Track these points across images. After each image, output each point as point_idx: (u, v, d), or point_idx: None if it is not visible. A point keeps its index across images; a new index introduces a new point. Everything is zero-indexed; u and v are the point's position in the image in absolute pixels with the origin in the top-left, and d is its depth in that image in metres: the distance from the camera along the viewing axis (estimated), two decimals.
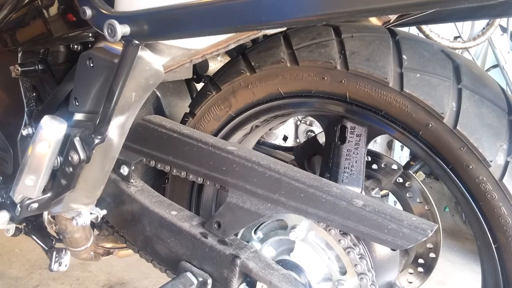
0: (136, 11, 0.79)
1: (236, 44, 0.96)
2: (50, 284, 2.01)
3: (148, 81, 0.89)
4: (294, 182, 0.85)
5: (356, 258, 0.89)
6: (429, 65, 0.83)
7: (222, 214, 0.95)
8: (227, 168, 0.92)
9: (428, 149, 0.85)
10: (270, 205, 0.88)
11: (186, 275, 0.96)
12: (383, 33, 0.89)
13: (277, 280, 0.87)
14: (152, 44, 0.87)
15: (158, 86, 0.95)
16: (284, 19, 0.63)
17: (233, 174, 0.92)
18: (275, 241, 1.02)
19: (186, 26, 0.74)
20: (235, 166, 0.91)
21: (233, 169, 0.91)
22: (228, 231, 0.96)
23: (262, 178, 0.88)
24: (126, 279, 2.11)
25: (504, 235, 0.81)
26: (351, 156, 1.03)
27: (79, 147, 0.94)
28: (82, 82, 0.95)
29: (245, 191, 0.91)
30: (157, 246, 1.05)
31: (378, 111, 0.88)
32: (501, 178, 0.79)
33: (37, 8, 1.04)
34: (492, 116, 0.81)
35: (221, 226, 0.96)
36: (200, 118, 1.11)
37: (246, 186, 0.90)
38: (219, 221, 0.96)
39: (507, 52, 2.56)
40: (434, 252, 1.15)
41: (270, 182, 0.88)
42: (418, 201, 1.14)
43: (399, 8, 0.55)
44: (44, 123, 0.92)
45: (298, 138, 3.01)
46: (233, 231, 0.96)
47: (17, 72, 1.16)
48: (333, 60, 0.88)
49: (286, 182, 0.86)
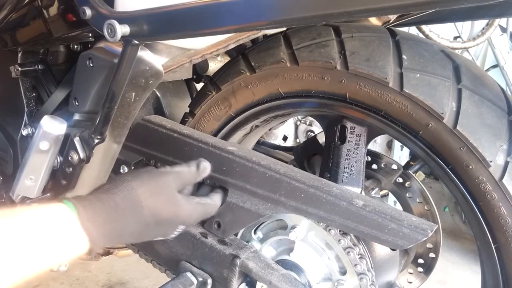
0: (135, 11, 0.79)
1: (236, 44, 0.96)
2: (50, 284, 2.01)
3: (148, 81, 0.89)
4: (294, 182, 0.85)
5: (356, 258, 0.89)
6: (429, 65, 0.83)
7: (222, 214, 0.95)
8: (227, 168, 0.92)
9: (428, 149, 0.85)
10: (270, 205, 0.88)
11: (186, 275, 0.96)
12: (383, 33, 0.89)
13: (277, 280, 0.87)
14: (152, 44, 0.88)
15: (158, 86, 0.95)
16: (284, 18, 0.63)
17: (233, 174, 0.92)
18: (275, 241, 1.02)
19: (186, 26, 0.74)
20: (235, 166, 0.91)
21: (233, 169, 0.91)
22: (228, 231, 0.95)
23: (262, 178, 0.88)
24: (126, 279, 2.11)
25: (504, 235, 0.81)
26: (351, 156, 1.03)
27: (79, 147, 0.94)
28: (82, 82, 0.95)
29: (245, 191, 0.91)
30: (157, 246, 1.05)
31: (378, 111, 0.88)
32: (501, 178, 0.79)
33: (37, 8, 1.04)
34: (492, 116, 0.81)
35: (221, 226, 0.96)
36: (200, 118, 1.11)
37: (247, 186, 0.90)
38: (218, 221, 0.96)
39: (507, 52, 2.56)
40: (434, 252, 1.15)
41: (270, 182, 0.88)
42: (418, 201, 1.14)
43: (399, 8, 0.55)
44: (44, 123, 0.92)
45: (298, 138, 3.01)
46: (233, 231, 0.96)
47: (17, 72, 1.16)
48: (333, 60, 0.88)
49: (286, 182, 0.86)
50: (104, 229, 0.73)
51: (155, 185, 0.79)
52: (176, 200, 0.81)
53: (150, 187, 0.78)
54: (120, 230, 0.75)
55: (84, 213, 0.71)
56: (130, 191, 0.76)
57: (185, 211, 0.82)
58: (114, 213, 0.74)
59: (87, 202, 0.73)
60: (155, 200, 0.78)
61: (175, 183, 0.82)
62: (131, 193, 0.76)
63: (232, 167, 0.91)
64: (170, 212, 0.80)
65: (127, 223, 0.76)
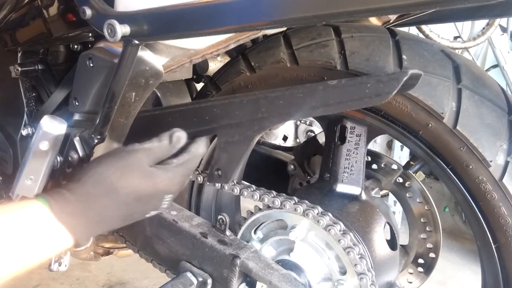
0: (136, 11, 0.79)
1: (236, 44, 0.96)
2: (50, 284, 2.01)
3: (148, 81, 0.89)
4: (270, 94, 0.85)
5: (356, 258, 0.89)
6: (429, 65, 0.83)
7: (218, 159, 0.94)
8: (210, 115, 0.92)
9: (428, 149, 0.85)
10: (257, 127, 0.88)
11: (186, 275, 0.96)
12: (383, 33, 0.89)
13: (277, 280, 0.87)
14: (152, 44, 0.88)
15: (158, 86, 0.95)
16: (284, 18, 0.63)
17: (216, 118, 0.91)
18: (275, 241, 1.02)
19: (186, 26, 0.74)
20: (215, 110, 0.91)
21: (214, 113, 0.91)
22: (229, 173, 0.94)
23: (241, 107, 0.88)
24: (126, 279, 2.11)
25: (504, 235, 0.81)
26: (351, 156, 1.03)
27: (79, 147, 0.95)
28: (82, 82, 0.95)
29: (231, 127, 0.90)
30: (157, 246, 1.05)
31: (378, 111, 0.88)
32: (501, 178, 0.79)
33: (37, 8, 1.04)
34: (492, 116, 0.81)
35: (221, 171, 0.95)
36: None
37: (231, 122, 0.90)
38: (218, 168, 0.94)
39: (507, 52, 2.56)
40: (434, 252, 1.15)
41: (249, 107, 0.87)
42: (418, 201, 1.14)
43: (399, 8, 0.55)
44: (44, 123, 0.92)
45: (298, 138, 3.01)
46: (233, 171, 0.94)
47: (17, 72, 1.16)
48: (333, 60, 0.88)
49: (263, 98, 0.85)
50: (82, 219, 0.73)
51: (124, 164, 0.77)
52: (150, 174, 0.79)
53: (119, 167, 0.77)
54: (99, 216, 0.75)
55: (57, 206, 0.71)
56: (99, 176, 0.75)
57: (163, 181, 0.80)
58: (88, 201, 0.73)
59: (58, 196, 0.72)
60: (127, 179, 0.76)
61: (147, 160, 0.80)
62: (100, 178, 0.75)
63: (213, 112, 0.91)
64: (148, 187, 0.78)
65: (105, 208, 0.75)
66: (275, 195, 0.96)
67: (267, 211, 0.99)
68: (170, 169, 0.82)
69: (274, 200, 0.95)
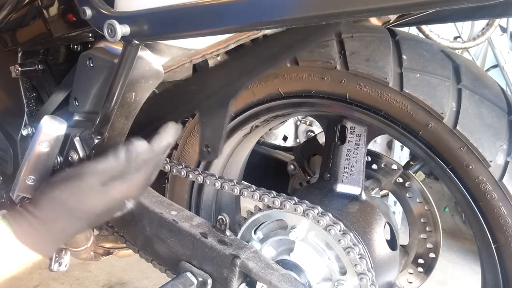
0: (136, 11, 0.79)
1: (236, 44, 0.96)
2: (50, 284, 2.01)
3: (148, 81, 0.89)
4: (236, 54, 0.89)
5: (356, 258, 0.89)
6: (429, 65, 0.83)
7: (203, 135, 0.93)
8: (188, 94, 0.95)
9: (428, 149, 0.85)
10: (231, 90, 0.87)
11: (186, 275, 0.96)
12: (383, 33, 0.89)
13: (277, 280, 0.87)
14: (152, 44, 0.87)
15: (158, 86, 0.95)
16: (284, 18, 0.63)
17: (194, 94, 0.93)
18: (275, 241, 1.01)
19: (186, 26, 0.74)
20: (193, 87, 0.94)
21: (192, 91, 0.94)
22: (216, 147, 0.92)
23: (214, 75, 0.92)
24: (126, 279, 2.11)
25: (504, 235, 0.81)
26: (351, 156, 1.03)
27: (79, 147, 0.94)
28: (82, 82, 0.95)
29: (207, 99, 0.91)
30: (157, 246, 1.05)
31: (378, 111, 0.88)
32: (501, 178, 0.79)
33: (37, 8, 1.04)
34: (492, 116, 0.81)
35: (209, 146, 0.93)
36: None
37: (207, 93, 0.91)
38: (206, 144, 0.94)
39: (507, 52, 2.56)
40: (434, 252, 1.15)
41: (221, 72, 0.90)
42: (418, 201, 1.14)
43: (399, 8, 0.55)
44: (44, 123, 0.92)
45: (298, 138, 3.01)
46: (219, 143, 0.92)
47: (17, 72, 1.16)
48: (333, 60, 0.88)
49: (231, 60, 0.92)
50: (43, 238, 0.78)
51: (77, 188, 0.80)
52: (105, 192, 0.80)
53: (73, 192, 0.80)
54: (62, 233, 0.80)
55: (18, 228, 0.76)
56: (55, 201, 0.79)
57: (121, 192, 0.81)
58: (48, 223, 0.78)
59: (20, 217, 0.77)
60: (82, 202, 0.79)
61: (100, 180, 0.80)
62: (56, 203, 0.79)
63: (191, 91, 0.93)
64: (105, 203, 0.81)
65: (66, 226, 0.80)
66: (275, 195, 0.96)
67: (267, 211, 0.99)
68: (128, 178, 0.82)
69: (274, 200, 0.94)
